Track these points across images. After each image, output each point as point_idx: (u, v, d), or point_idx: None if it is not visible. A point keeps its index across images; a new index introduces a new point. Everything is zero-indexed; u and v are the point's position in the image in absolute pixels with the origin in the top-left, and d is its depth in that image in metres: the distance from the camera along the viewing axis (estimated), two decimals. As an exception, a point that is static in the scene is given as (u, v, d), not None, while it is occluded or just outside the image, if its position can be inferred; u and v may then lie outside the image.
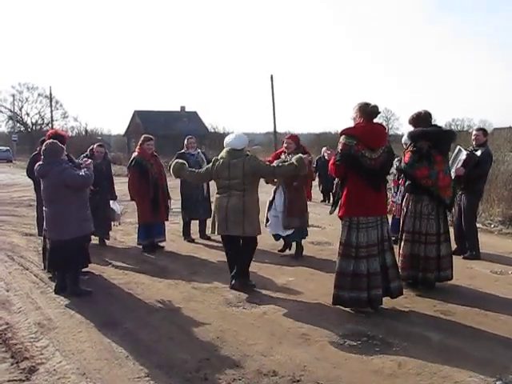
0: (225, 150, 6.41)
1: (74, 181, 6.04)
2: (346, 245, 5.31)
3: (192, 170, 6.80)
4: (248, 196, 6.22)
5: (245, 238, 6.35)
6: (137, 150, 8.67)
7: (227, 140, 6.40)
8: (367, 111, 5.30)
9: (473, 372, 4.06)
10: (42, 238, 7.11)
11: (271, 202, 7.89)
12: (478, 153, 7.50)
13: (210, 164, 6.52)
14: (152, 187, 8.38)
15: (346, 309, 5.41)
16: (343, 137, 5.27)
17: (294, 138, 8.00)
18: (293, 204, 7.63)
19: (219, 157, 6.41)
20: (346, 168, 5.25)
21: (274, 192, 7.84)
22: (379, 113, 5.40)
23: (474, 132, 7.99)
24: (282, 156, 7.78)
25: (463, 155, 7.18)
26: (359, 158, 5.17)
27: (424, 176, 5.91)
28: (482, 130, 8.00)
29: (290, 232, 7.78)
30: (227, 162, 6.25)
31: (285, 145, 7.87)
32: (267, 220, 7.95)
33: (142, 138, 8.75)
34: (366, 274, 5.25)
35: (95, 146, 8.89)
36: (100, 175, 8.01)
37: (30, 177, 9.82)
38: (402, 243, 6.17)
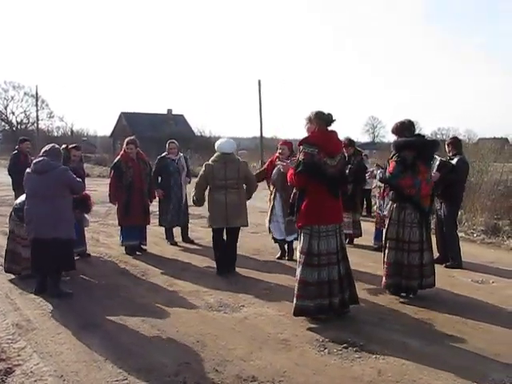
0: (216, 155, 7.20)
1: (74, 184, 6.19)
2: (308, 254, 5.26)
3: (196, 189, 7.35)
4: (242, 193, 7.26)
5: (235, 230, 7.30)
6: (121, 152, 8.67)
7: (218, 145, 7.24)
8: (324, 119, 5.33)
9: (452, 380, 4.07)
10: (7, 239, 7.03)
11: (272, 210, 8.00)
12: (454, 161, 7.60)
13: (202, 170, 7.24)
14: (125, 190, 8.35)
15: (327, 316, 5.40)
16: (303, 146, 5.25)
17: (288, 144, 8.09)
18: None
19: (211, 161, 7.19)
20: (308, 177, 5.22)
21: (273, 199, 7.95)
22: (334, 120, 5.39)
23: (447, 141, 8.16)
24: (278, 162, 7.77)
25: (437, 161, 7.29)
26: (321, 166, 5.18)
27: (408, 186, 5.94)
28: (454, 139, 8.20)
29: (295, 236, 7.71)
30: (222, 164, 7.08)
31: (279, 150, 7.94)
32: (270, 227, 8.08)
33: (125, 141, 8.73)
34: (327, 281, 5.24)
35: (71, 147, 8.16)
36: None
37: (10, 175, 9.79)
38: (386, 251, 6.18)
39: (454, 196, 7.74)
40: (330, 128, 5.40)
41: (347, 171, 6.00)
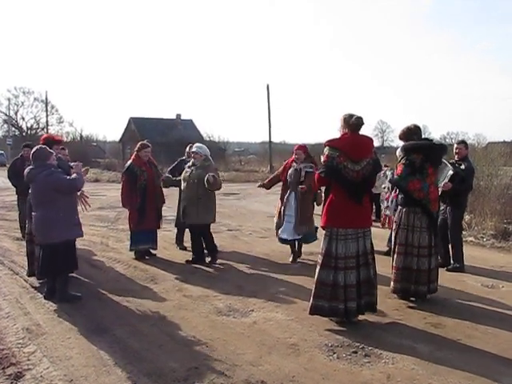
0: None
1: (61, 185, 6.00)
2: (326, 255, 5.29)
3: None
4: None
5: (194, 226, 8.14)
6: (132, 156, 8.66)
7: None
8: (350, 123, 5.29)
9: (462, 385, 4.06)
10: (26, 242, 7.07)
11: (283, 210, 8.16)
12: (462, 167, 7.55)
13: None
14: (139, 195, 8.34)
15: (336, 320, 5.40)
16: (326, 148, 5.28)
17: (303, 148, 8.28)
18: (303, 211, 7.97)
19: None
20: (329, 179, 5.28)
21: (287, 199, 8.10)
22: (363, 124, 5.34)
23: (456, 145, 8.00)
24: (294, 164, 8.14)
25: (450, 171, 7.16)
26: (341, 170, 5.17)
27: (416, 189, 5.94)
28: (464, 143, 8.06)
29: (298, 237, 8.12)
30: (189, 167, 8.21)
31: (295, 156, 8.17)
32: (278, 227, 8.24)
33: (138, 145, 8.69)
34: (343, 286, 5.23)
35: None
36: None
37: (10, 181, 9.84)
38: (395, 256, 6.18)
39: (460, 201, 7.71)
40: (360, 132, 5.36)
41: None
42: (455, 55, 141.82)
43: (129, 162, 8.62)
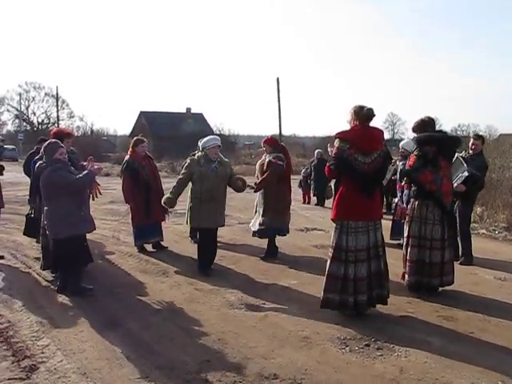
0: None
1: (64, 183, 5.96)
2: (336, 248, 5.27)
3: None
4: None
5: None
6: (129, 152, 8.62)
7: None
8: (361, 115, 5.24)
9: (475, 378, 4.03)
10: (41, 235, 7.10)
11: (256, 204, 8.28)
12: (476, 163, 7.41)
13: None
14: (143, 189, 8.32)
15: (348, 313, 5.38)
16: (337, 140, 5.25)
17: (269, 140, 8.25)
18: (267, 202, 7.94)
19: None
20: (339, 172, 5.25)
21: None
22: (374, 116, 5.28)
23: (473, 140, 7.80)
24: (263, 157, 8.16)
25: (465, 172, 7.02)
26: (352, 162, 5.13)
27: (428, 181, 5.90)
28: (481, 139, 7.95)
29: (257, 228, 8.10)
30: None
31: (263, 149, 8.21)
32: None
33: (133, 141, 8.71)
34: (353, 279, 5.21)
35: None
36: None
37: (26, 174, 9.89)
38: (409, 248, 6.14)
39: (470, 195, 7.63)
40: (371, 124, 5.31)
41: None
42: (463, 47, 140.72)
43: (127, 158, 8.57)
